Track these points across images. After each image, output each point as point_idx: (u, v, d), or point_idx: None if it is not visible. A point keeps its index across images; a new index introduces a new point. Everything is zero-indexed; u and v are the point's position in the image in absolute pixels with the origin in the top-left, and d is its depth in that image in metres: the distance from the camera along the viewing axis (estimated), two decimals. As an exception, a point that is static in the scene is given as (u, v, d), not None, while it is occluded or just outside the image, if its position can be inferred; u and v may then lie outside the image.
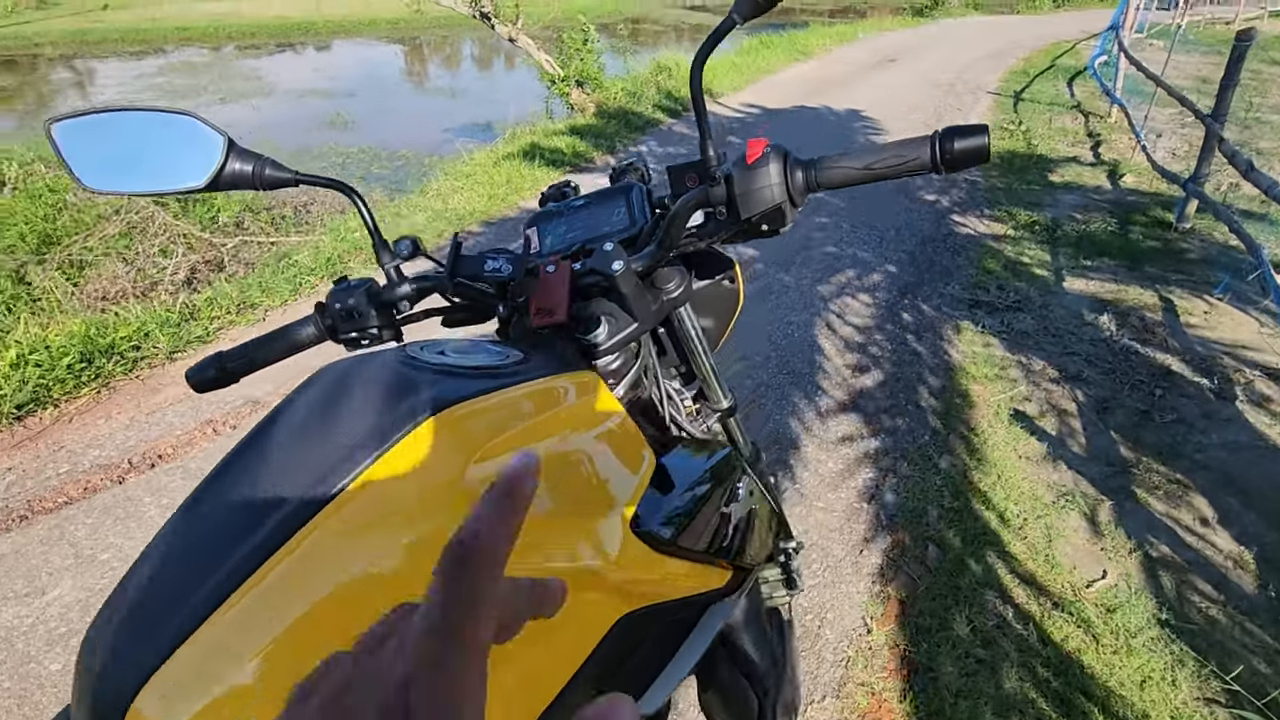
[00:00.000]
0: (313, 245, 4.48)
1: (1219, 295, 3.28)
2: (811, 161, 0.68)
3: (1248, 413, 2.51)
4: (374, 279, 0.82)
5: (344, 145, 9.00)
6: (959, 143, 0.62)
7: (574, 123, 6.82)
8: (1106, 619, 1.83)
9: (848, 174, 0.67)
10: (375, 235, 0.81)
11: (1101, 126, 6.67)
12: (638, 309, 0.79)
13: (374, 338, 0.80)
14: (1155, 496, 2.20)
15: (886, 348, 2.99)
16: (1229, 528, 2.09)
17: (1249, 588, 1.91)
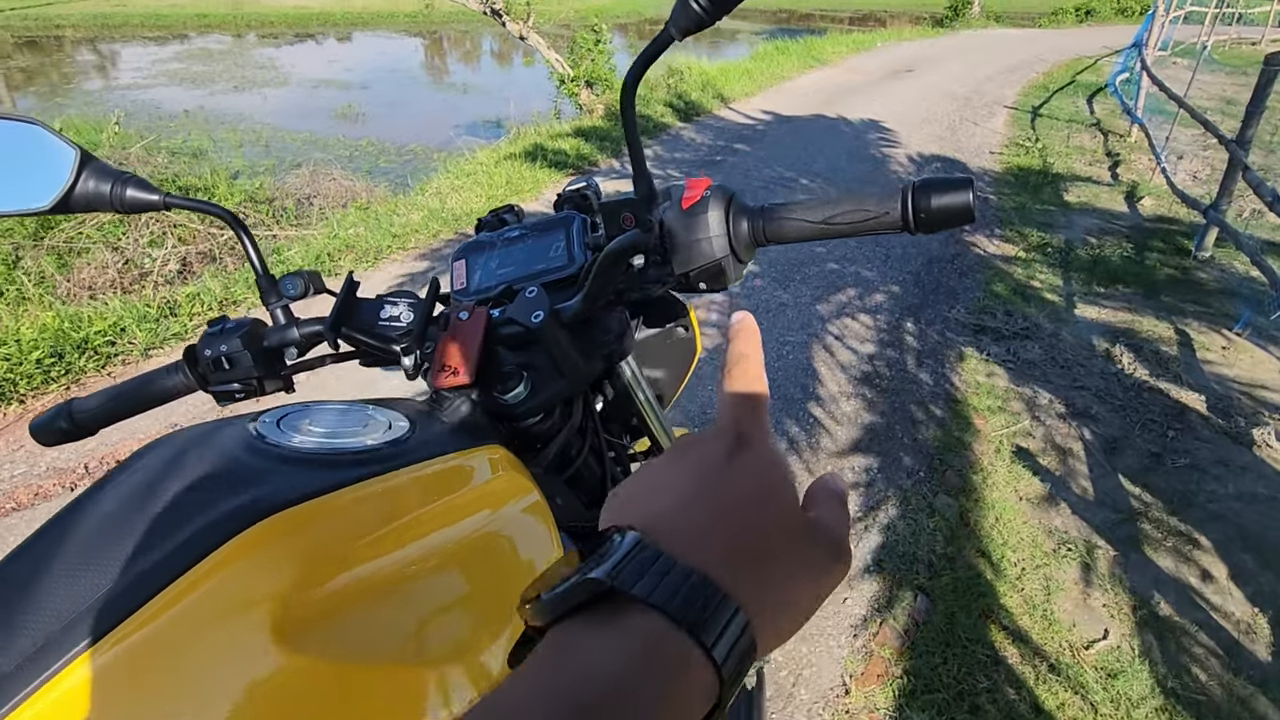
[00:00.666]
0: (306, 240, 4.39)
1: (1238, 331, 3.13)
2: (760, 210, 0.56)
3: (1267, 461, 2.36)
4: (259, 320, 0.71)
5: (352, 138, 8.94)
6: (936, 199, 0.50)
7: (581, 124, 6.72)
8: (1107, 685, 1.69)
9: (801, 227, 0.55)
10: (259, 270, 0.70)
11: (1120, 146, 6.50)
12: (565, 365, 0.67)
13: (253, 389, 0.68)
14: (1163, 549, 2.07)
15: (886, 374, 2.86)
16: (1242, 587, 1.95)
17: (1262, 655, 1.77)
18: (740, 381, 0.34)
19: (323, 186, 6.13)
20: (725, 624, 0.25)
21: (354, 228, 4.39)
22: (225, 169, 6.36)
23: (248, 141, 8.36)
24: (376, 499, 0.50)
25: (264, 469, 0.49)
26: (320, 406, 0.60)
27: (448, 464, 0.57)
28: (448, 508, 0.54)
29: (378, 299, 0.68)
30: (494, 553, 0.56)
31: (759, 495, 0.30)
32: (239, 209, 5.51)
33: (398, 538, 0.49)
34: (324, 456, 0.51)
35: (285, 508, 0.45)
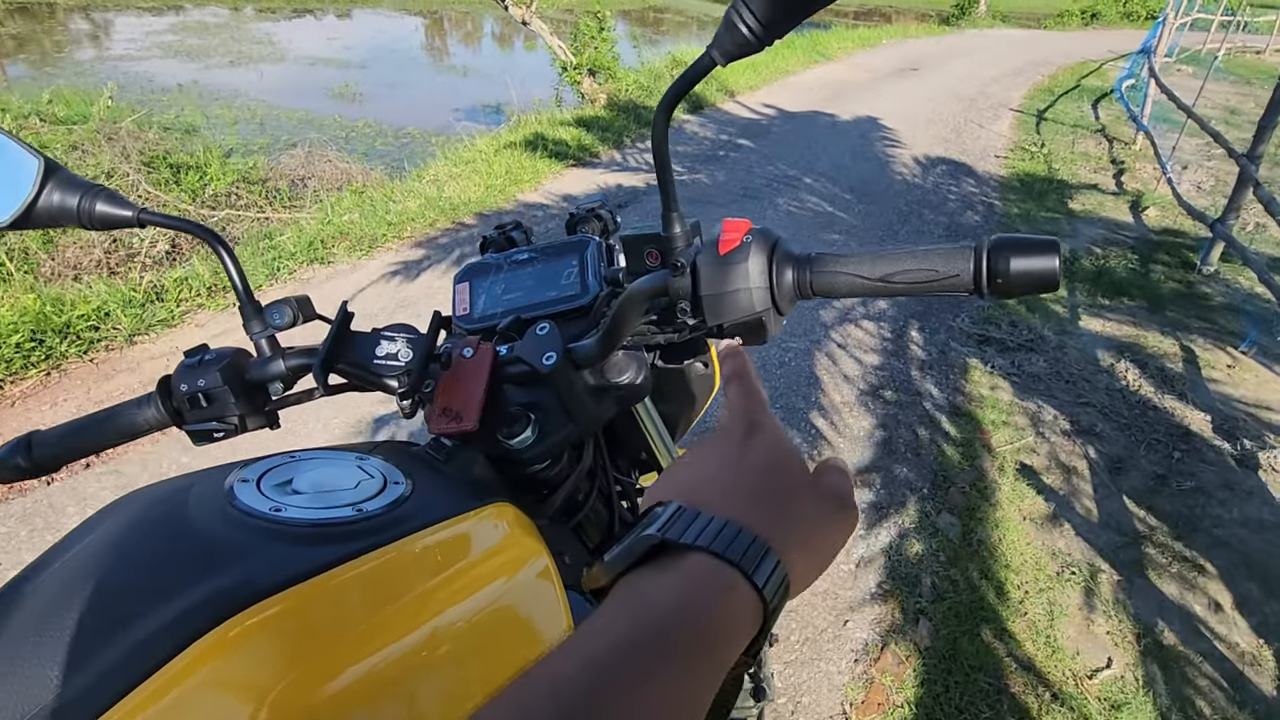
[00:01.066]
0: (299, 225, 4.29)
1: (1244, 349, 3.10)
2: (808, 259, 0.50)
3: (1272, 486, 2.33)
4: (241, 351, 0.64)
5: (349, 118, 8.78)
6: (1016, 262, 0.43)
7: (582, 113, 6.60)
8: (1110, 716, 1.66)
9: (853, 283, 0.48)
10: (242, 295, 0.63)
11: (1125, 154, 6.46)
12: (576, 408, 0.61)
13: (233, 429, 0.62)
14: (1168, 575, 2.03)
15: (889, 384, 2.81)
16: (1247, 617, 1.92)
17: (1267, 689, 1.74)
18: (741, 388, 0.41)
19: (318, 168, 6.01)
20: (761, 558, 0.30)
21: (348, 213, 4.29)
22: (218, 147, 6.22)
23: (242, 119, 8.19)
24: (374, 578, 0.44)
25: (242, 545, 0.43)
26: (305, 459, 0.53)
27: (452, 530, 0.51)
28: (453, 582, 0.47)
29: (373, 333, 0.61)
30: (503, 631, 0.50)
31: (774, 463, 0.37)
32: (230, 187, 5.39)
33: (399, 623, 0.43)
34: (313, 529, 0.45)
35: (268, 594, 0.39)
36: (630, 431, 0.79)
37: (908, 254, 0.47)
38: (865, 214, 4.59)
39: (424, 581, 0.46)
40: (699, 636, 0.27)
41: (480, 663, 0.47)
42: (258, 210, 5.13)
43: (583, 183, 4.99)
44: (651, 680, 0.26)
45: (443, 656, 0.44)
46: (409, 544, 0.47)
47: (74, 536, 0.45)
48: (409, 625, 0.43)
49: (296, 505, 0.47)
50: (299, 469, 0.51)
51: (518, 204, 4.56)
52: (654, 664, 0.26)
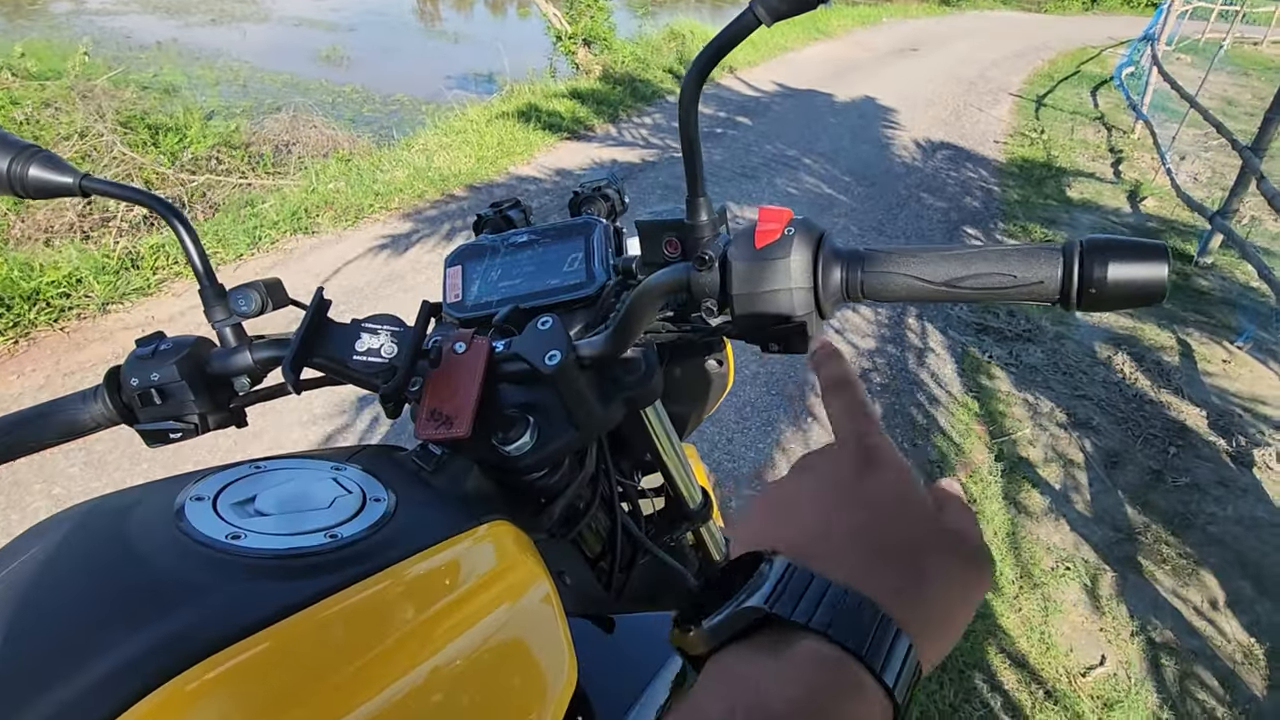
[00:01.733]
0: (282, 192, 4.15)
1: (1240, 344, 3.08)
2: (859, 257, 0.43)
3: (1267, 483, 2.32)
4: (204, 340, 0.56)
5: (336, 83, 8.54)
6: (1117, 269, 0.36)
7: (577, 85, 6.44)
8: (1104, 715, 1.65)
9: (912, 286, 0.41)
10: (203, 277, 0.56)
11: (1124, 142, 6.41)
12: (581, 413, 0.54)
13: (192, 429, 0.54)
14: (1162, 571, 2.02)
15: (886, 372, 2.76)
16: (1239, 615, 1.91)
17: (1258, 688, 1.74)
18: (848, 401, 0.35)
19: (303, 134, 5.82)
20: (890, 646, 0.25)
21: (334, 181, 4.15)
22: (199, 108, 6.01)
23: (224, 80, 7.93)
24: (354, 617, 0.37)
25: (192, 582, 0.36)
26: (272, 470, 0.47)
27: (442, 556, 0.44)
28: (445, 619, 0.41)
29: (353, 324, 0.54)
30: (502, 670, 0.44)
31: (898, 508, 0.30)
32: (211, 151, 5.21)
33: (382, 672, 0.36)
34: (278, 561, 0.38)
35: (224, 644, 0.32)
36: (635, 431, 0.73)
37: (979, 254, 0.40)
38: (864, 197, 4.52)
39: (411, 620, 0.39)
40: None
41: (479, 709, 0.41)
42: (240, 176, 4.96)
43: (577, 157, 4.86)
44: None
45: (437, 707, 0.38)
46: (393, 575, 0.41)
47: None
48: (394, 674, 0.37)
49: (259, 530, 0.40)
50: (264, 483, 0.45)
51: (510, 177, 4.44)
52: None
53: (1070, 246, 0.38)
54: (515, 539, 0.50)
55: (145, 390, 0.52)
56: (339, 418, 2.32)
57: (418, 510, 0.46)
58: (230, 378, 0.55)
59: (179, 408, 0.53)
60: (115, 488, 0.54)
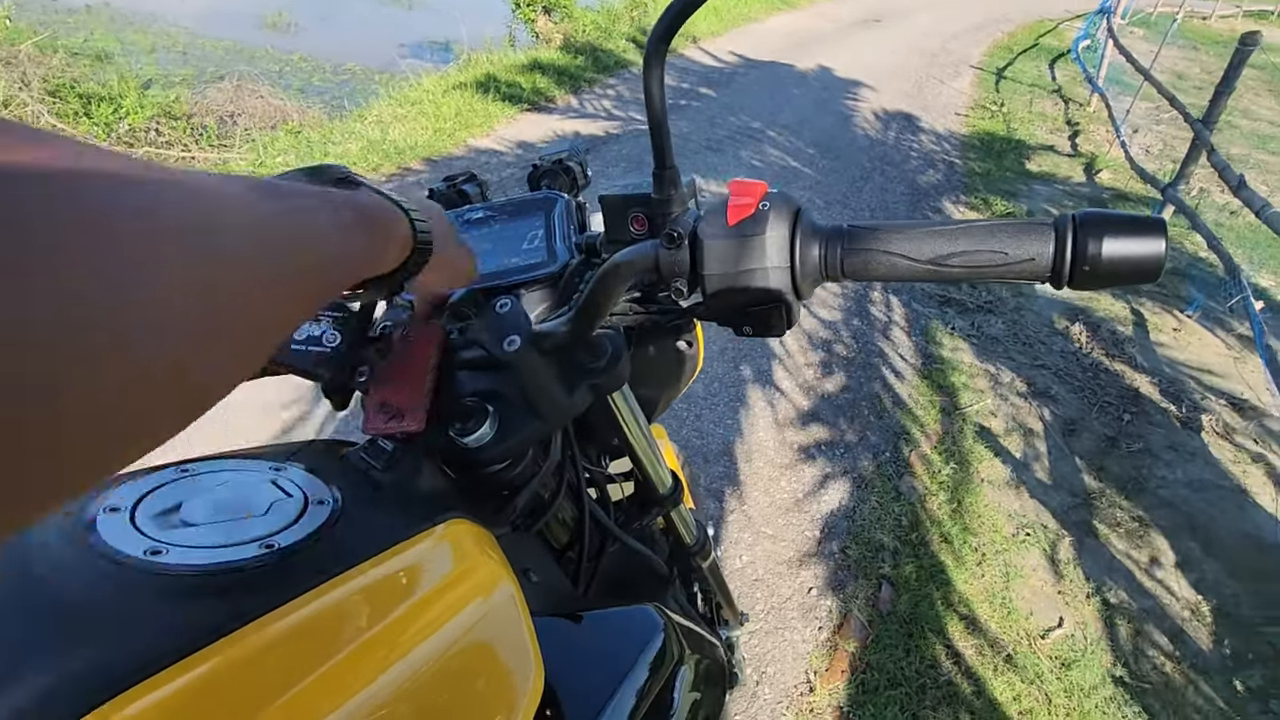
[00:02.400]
0: (228, 166, 3.96)
1: (1190, 313, 3.18)
2: (839, 233, 0.40)
3: (1213, 446, 2.41)
4: None
5: (283, 50, 8.16)
6: (1113, 244, 0.34)
7: (537, 54, 6.26)
8: (1061, 674, 1.70)
9: (896, 265, 0.39)
10: None
11: (1080, 115, 6.51)
12: (544, 401, 0.51)
13: None
14: (1116, 534, 2.09)
15: (852, 345, 2.78)
16: (1188, 574, 1.99)
17: (1204, 643, 1.81)
18: None
19: (248, 104, 5.56)
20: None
21: (283, 154, 3.97)
22: (135, 77, 5.67)
23: (161, 46, 7.51)
24: (295, 635, 0.34)
25: (106, 605, 0.32)
26: (202, 473, 0.42)
27: (394, 563, 0.40)
28: (400, 629, 0.38)
29: None
30: (464, 679, 0.41)
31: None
32: (150, 122, 4.93)
33: (332, 689, 0.33)
34: (206, 578, 0.34)
35: (150, 672, 0.29)
36: (602, 417, 0.70)
37: (967, 230, 0.38)
38: (829, 169, 4.51)
39: (361, 634, 0.36)
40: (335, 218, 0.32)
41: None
42: (182, 149, 4.72)
43: (539, 129, 4.74)
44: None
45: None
46: (339, 586, 0.37)
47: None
48: (344, 694, 0.33)
49: (184, 544, 0.36)
50: (191, 489, 0.40)
51: (469, 150, 4.30)
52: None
53: (1063, 221, 0.36)
54: (475, 538, 0.47)
55: None
56: (298, 405, 2.24)
57: (366, 513, 0.43)
58: None
59: None
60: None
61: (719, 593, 1.00)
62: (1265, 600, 1.90)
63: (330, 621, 0.36)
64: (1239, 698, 1.68)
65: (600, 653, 0.54)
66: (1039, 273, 0.36)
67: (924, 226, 0.39)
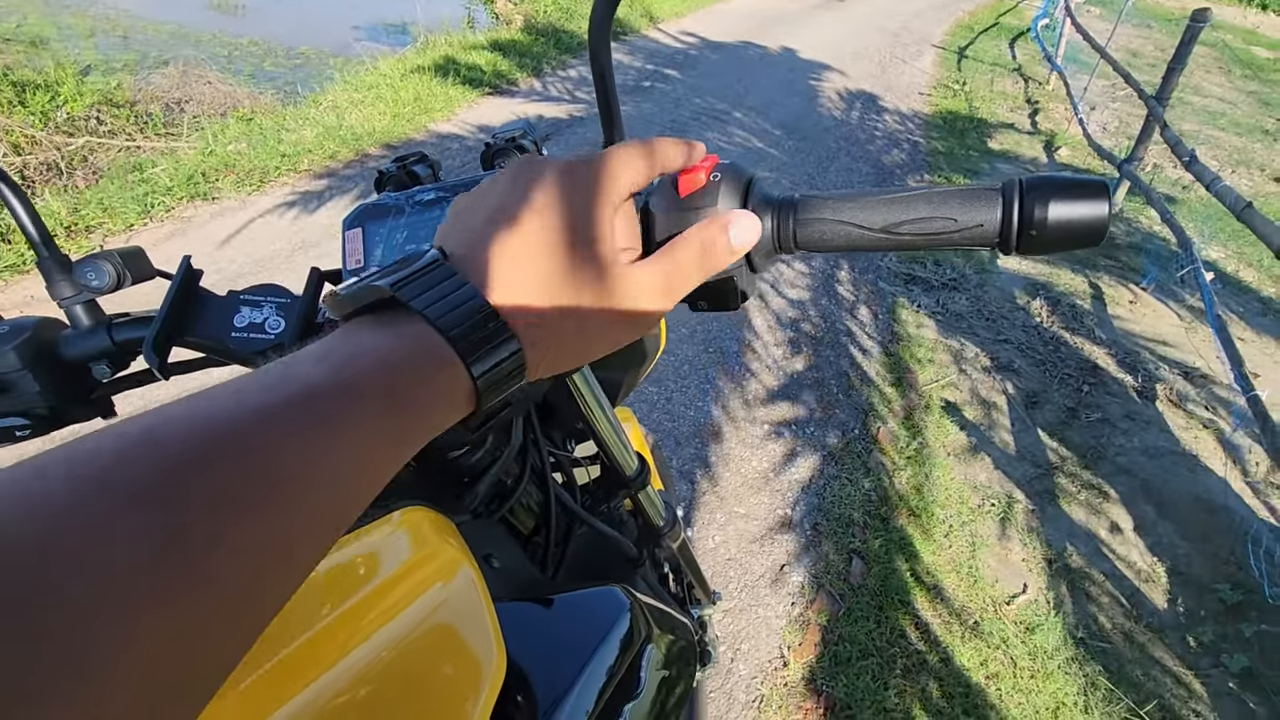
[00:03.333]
0: (175, 155, 3.81)
1: (1144, 286, 3.27)
2: (791, 203, 0.39)
3: (1167, 414, 2.49)
4: (51, 321, 0.48)
5: (231, 34, 7.86)
6: (1058, 208, 0.34)
7: (497, 36, 6.13)
8: (1025, 639, 1.75)
9: (849, 234, 0.38)
10: (40, 247, 0.47)
11: (1039, 94, 6.62)
12: None
13: (44, 421, 0.47)
14: (1076, 502, 2.15)
15: (820, 325, 2.80)
16: (1144, 538, 2.06)
17: (1160, 603, 1.88)
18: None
19: (196, 90, 5.34)
20: (497, 344, 0.28)
21: (234, 143, 3.84)
22: (73, 63, 5.41)
23: (100, 30, 7.17)
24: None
25: None
26: None
27: (351, 548, 0.39)
28: (357, 617, 0.36)
29: (230, 296, 0.47)
30: (424, 665, 0.39)
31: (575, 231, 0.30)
32: (91, 110, 4.72)
33: (289, 677, 0.32)
34: None
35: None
36: (564, 400, 0.68)
37: (918, 198, 0.37)
38: (795, 150, 4.52)
39: (317, 623, 0.35)
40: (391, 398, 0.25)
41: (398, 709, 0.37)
42: (126, 138, 4.52)
43: (501, 112, 4.65)
44: (318, 425, 0.23)
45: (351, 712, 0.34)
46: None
47: None
48: (301, 681, 0.32)
49: None
50: None
51: (429, 135, 4.21)
52: (327, 408, 0.23)
53: (1009, 186, 0.35)
54: (433, 524, 0.46)
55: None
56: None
57: None
58: (86, 363, 0.47)
59: (24, 400, 0.45)
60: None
61: (690, 572, 1.00)
62: (1215, 559, 1.98)
63: (287, 608, 0.34)
64: (1192, 652, 1.75)
65: (566, 635, 0.53)
66: (988, 238, 0.36)
67: (876, 195, 0.38)
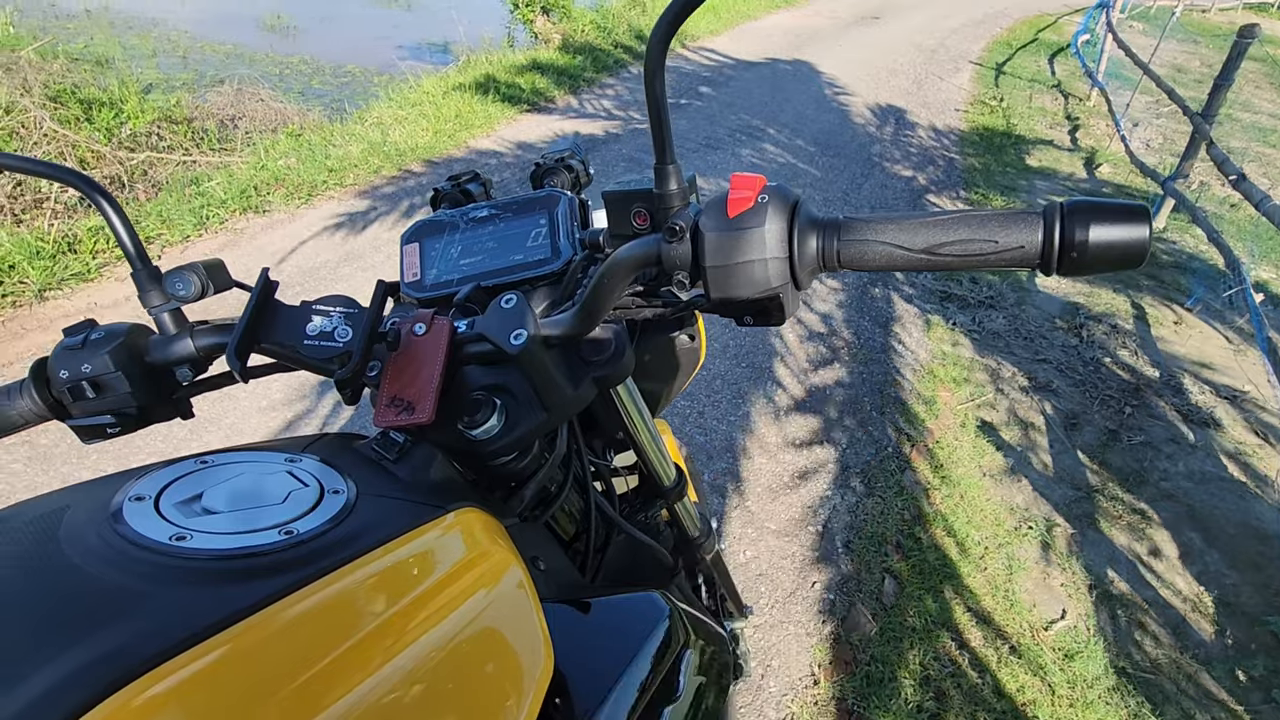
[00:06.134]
0: (229, 169, 3.97)
1: (1189, 307, 3.18)
2: (835, 225, 0.41)
3: (1214, 440, 2.42)
4: (140, 327, 0.52)
5: (282, 53, 8.16)
6: (1098, 230, 0.36)
7: (536, 55, 6.27)
8: (1064, 666, 1.71)
9: (891, 255, 0.40)
10: (135, 259, 0.51)
11: (1080, 109, 6.51)
12: (549, 394, 0.52)
13: (131, 420, 0.51)
14: (1118, 527, 2.09)
15: (853, 341, 2.79)
16: (1190, 566, 2.00)
17: (1207, 634, 1.82)
18: None
19: (249, 107, 5.56)
20: None
21: (284, 158, 3.99)
22: (136, 81, 5.68)
23: (162, 50, 7.52)
24: (314, 617, 0.35)
25: (131, 590, 0.33)
26: (220, 464, 0.43)
27: (407, 549, 0.42)
28: (414, 612, 0.39)
29: (303, 306, 0.51)
30: (476, 664, 0.42)
31: None
32: (151, 127, 4.95)
33: (350, 669, 0.34)
34: (227, 562, 0.35)
35: (168, 655, 0.30)
36: (606, 410, 0.71)
37: (959, 220, 0.39)
38: (829, 167, 4.52)
39: (377, 617, 0.37)
40: None
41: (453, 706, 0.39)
42: (183, 153, 4.73)
43: (539, 129, 4.75)
44: None
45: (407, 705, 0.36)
46: (354, 571, 0.38)
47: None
48: (361, 674, 0.34)
49: (206, 530, 0.37)
50: (211, 479, 0.41)
51: (469, 151, 4.32)
52: None
53: (1051, 209, 0.37)
54: (485, 526, 0.48)
55: (76, 383, 0.48)
56: (299, 403, 2.25)
57: (380, 502, 0.44)
58: (171, 367, 0.51)
59: (115, 400, 0.49)
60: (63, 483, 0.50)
61: (723, 585, 1.01)
62: (1267, 590, 1.91)
63: (348, 604, 0.37)
64: (1241, 687, 1.69)
65: (607, 637, 0.55)
66: (1029, 260, 0.38)
67: (917, 217, 0.40)
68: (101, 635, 0.30)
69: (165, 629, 0.31)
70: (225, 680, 0.30)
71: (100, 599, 0.32)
